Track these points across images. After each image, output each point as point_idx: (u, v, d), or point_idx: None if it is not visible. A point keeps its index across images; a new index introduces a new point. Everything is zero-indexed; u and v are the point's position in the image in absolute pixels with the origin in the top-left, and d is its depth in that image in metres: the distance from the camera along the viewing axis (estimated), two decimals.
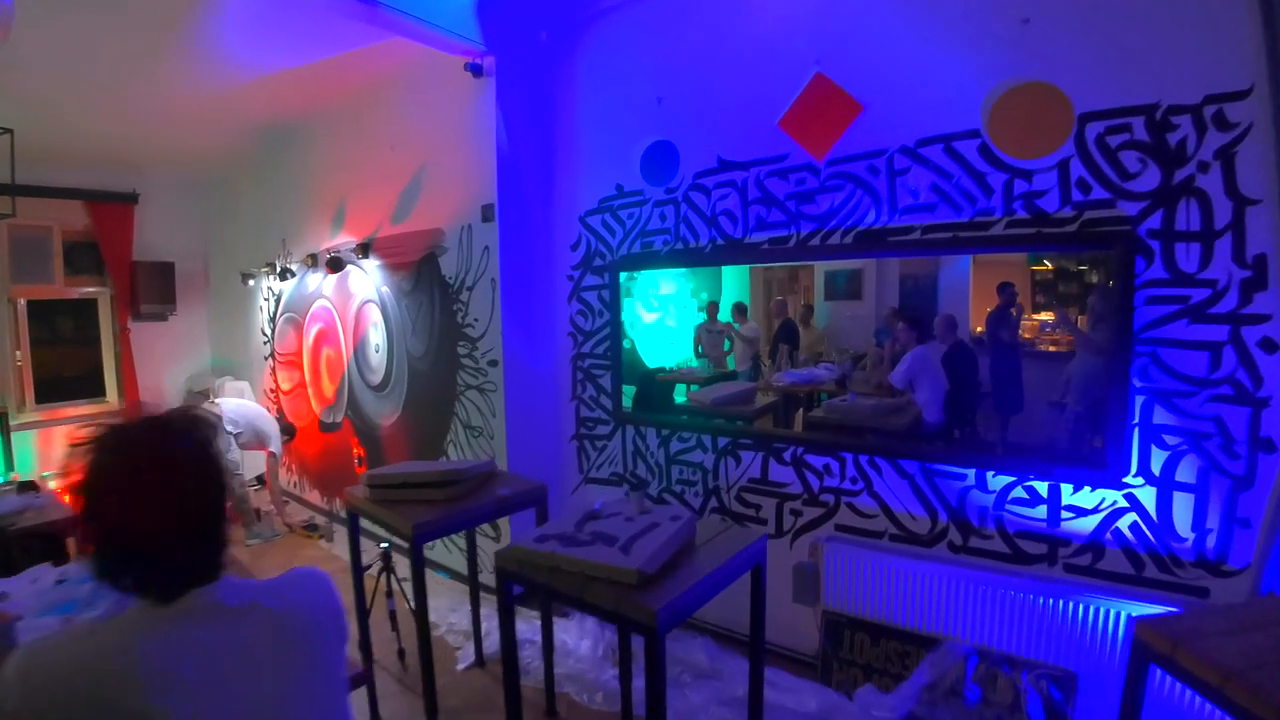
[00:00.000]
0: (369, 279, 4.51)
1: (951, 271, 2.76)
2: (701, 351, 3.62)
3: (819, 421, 3.14)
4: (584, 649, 3.05)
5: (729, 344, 3.54)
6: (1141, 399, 2.19)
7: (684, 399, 3.68)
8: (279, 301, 5.76)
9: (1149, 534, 2.21)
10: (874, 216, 2.64)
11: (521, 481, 2.56)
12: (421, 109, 3.96)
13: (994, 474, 2.46)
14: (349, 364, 4.86)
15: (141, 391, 6.72)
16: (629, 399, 3.60)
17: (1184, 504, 2.15)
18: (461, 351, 3.78)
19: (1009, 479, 2.44)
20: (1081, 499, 2.32)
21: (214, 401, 4.87)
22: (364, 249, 4.39)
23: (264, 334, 6.13)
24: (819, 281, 3.21)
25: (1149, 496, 2.20)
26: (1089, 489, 2.30)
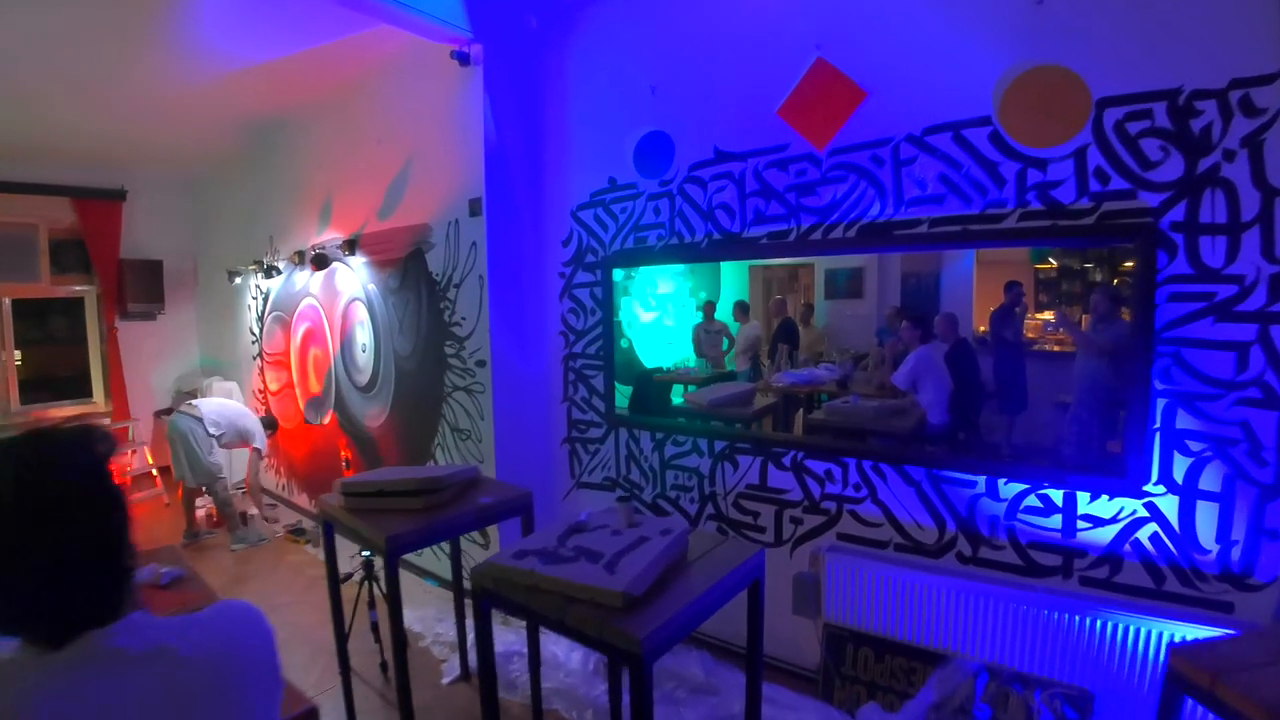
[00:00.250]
0: (356, 276, 4.38)
1: (954, 270, 2.71)
2: (700, 351, 3.54)
3: (820, 424, 3.09)
4: (574, 662, 2.92)
5: (727, 343, 3.47)
6: (1163, 402, 2.09)
7: (681, 400, 3.57)
8: (267, 300, 5.63)
9: (1170, 545, 2.11)
10: (879, 209, 2.52)
11: (506, 489, 2.43)
12: (408, 100, 3.83)
13: (1005, 481, 2.34)
14: (335, 363, 4.73)
15: (129, 392, 6.65)
16: (625, 400, 3.49)
17: (1208, 514, 2.05)
18: (449, 351, 3.65)
19: (1022, 486, 2.31)
20: (1099, 508, 2.20)
21: (192, 404, 4.72)
22: (350, 245, 4.26)
23: (252, 333, 6.00)
24: (819, 280, 3.17)
25: (1171, 506, 2.10)
26: (1107, 497, 2.19)
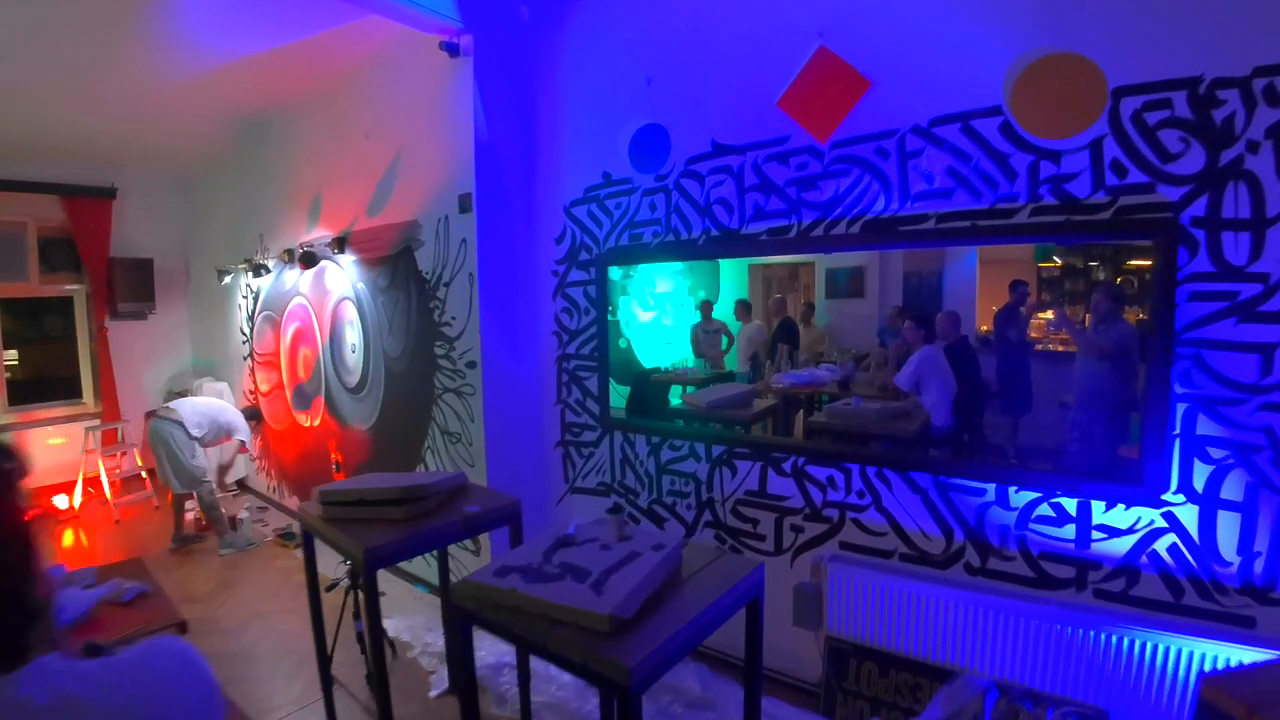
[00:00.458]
0: (345, 275, 4.27)
1: (957, 268, 2.64)
2: (699, 351, 3.46)
3: (821, 427, 3.00)
4: (567, 675, 2.80)
5: (725, 342, 3.37)
6: (1183, 407, 1.99)
7: (680, 401, 3.47)
8: (257, 299, 5.52)
9: (1189, 557, 2.00)
10: (883, 204, 2.41)
11: (494, 497, 2.32)
12: (397, 94, 3.72)
13: (1016, 489, 2.23)
14: (325, 365, 4.62)
15: (119, 393, 6.55)
16: (622, 401, 3.39)
17: (1229, 524, 1.94)
18: (439, 352, 3.54)
19: (1034, 495, 2.21)
20: (1115, 518, 2.10)
21: (170, 407, 4.60)
22: (339, 243, 4.15)
23: (243, 333, 5.89)
24: (819, 278, 3.10)
25: (1190, 515, 2.00)
26: (1123, 507, 2.08)
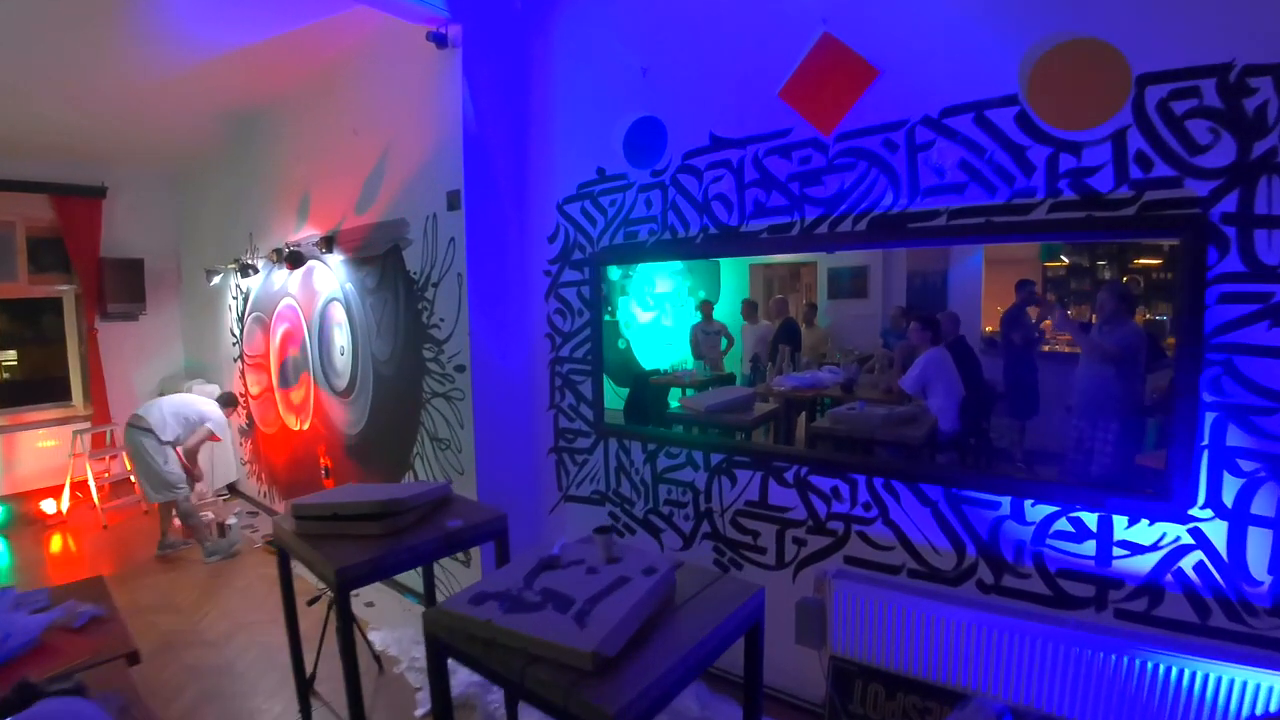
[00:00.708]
0: (334, 275, 4.15)
1: (962, 268, 2.56)
2: (698, 353, 3.38)
3: (824, 432, 2.88)
4: None
5: (725, 344, 3.27)
6: (1212, 416, 1.86)
7: (678, 405, 3.35)
8: (247, 300, 5.40)
9: (1217, 575, 1.88)
10: (891, 199, 2.28)
11: (479, 510, 2.19)
12: (383, 88, 3.60)
13: (1033, 503, 2.10)
14: (313, 367, 4.50)
15: (110, 395, 6.45)
16: (621, 403, 3.28)
17: (1260, 541, 1.82)
18: (427, 355, 3.41)
19: (1051, 509, 2.08)
20: (1138, 533, 1.97)
21: (138, 414, 4.48)
22: (327, 242, 4.02)
23: (233, 334, 5.78)
24: (822, 278, 3.02)
25: (1218, 532, 1.88)
26: (1147, 522, 1.96)
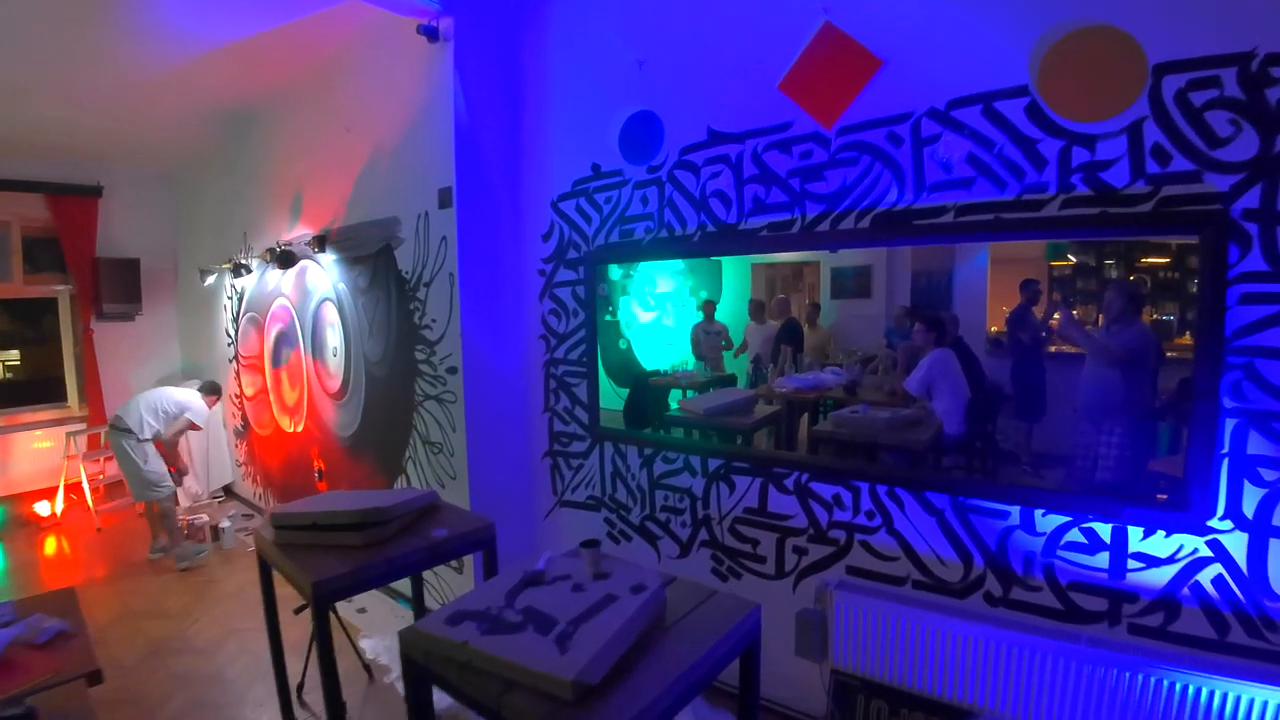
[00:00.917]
0: (327, 275, 4.08)
1: (967, 267, 2.47)
2: (699, 353, 3.26)
3: (827, 436, 2.78)
4: None
5: (729, 344, 3.17)
6: (1232, 423, 1.77)
7: (677, 407, 3.26)
8: (242, 300, 5.33)
9: (1236, 590, 1.80)
10: (896, 195, 2.19)
11: (466, 519, 2.11)
12: (375, 83, 3.52)
13: (1044, 512, 2.01)
14: (307, 369, 4.42)
15: (106, 396, 6.39)
16: (619, 405, 3.19)
17: None
18: (419, 356, 3.33)
19: (1063, 519, 1.99)
20: (1154, 546, 1.88)
21: (118, 415, 4.44)
22: (320, 242, 3.95)
23: (228, 335, 5.71)
24: (825, 278, 2.94)
25: (1238, 544, 1.79)
26: (1163, 534, 1.86)
